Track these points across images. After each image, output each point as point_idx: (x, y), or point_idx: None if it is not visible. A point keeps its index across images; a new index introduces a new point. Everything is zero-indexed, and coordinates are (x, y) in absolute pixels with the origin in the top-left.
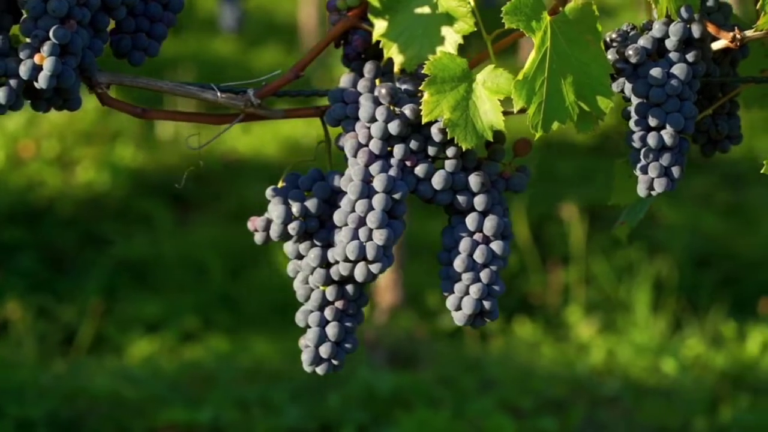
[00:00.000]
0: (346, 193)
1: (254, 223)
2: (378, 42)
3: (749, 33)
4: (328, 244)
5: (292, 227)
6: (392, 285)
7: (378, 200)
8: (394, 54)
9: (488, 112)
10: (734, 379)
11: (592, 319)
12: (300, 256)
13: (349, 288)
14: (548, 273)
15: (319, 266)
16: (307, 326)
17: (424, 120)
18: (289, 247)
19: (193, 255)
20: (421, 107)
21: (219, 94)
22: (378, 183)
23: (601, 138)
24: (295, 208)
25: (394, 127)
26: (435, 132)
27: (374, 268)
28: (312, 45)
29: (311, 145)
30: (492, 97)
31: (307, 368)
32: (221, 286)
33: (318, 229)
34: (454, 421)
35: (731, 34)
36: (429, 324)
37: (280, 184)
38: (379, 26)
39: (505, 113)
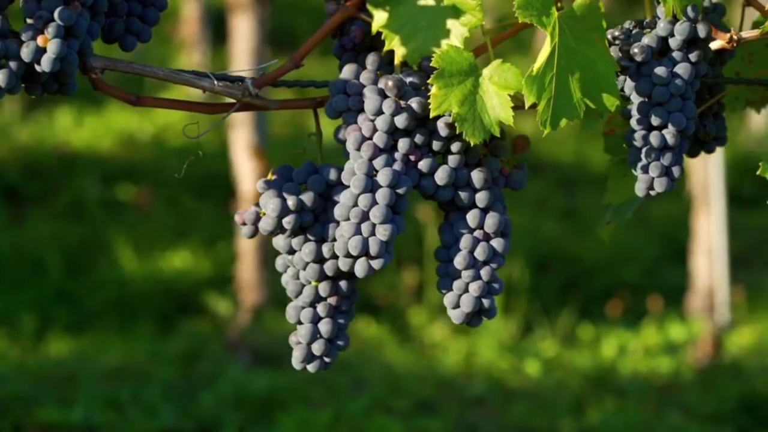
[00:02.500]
0: (341, 186)
1: (242, 216)
2: (372, 33)
3: (745, 34)
4: (322, 239)
5: (287, 221)
6: (256, 284)
7: (382, 195)
8: (396, 46)
9: (496, 107)
10: (596, 381)
11: (445, 320)
12: (291, 251)
13: (343, 284)
14: (402, 274)
15: (313, 261)
16: (299, 323)
17: (432, 114)
18: (280, 241)
19: (28, 250)
20: (428, 101)
21: (216, 82)
22: (383, 177)
23: None
24: (290, 201)
25: (401, 121)
26: (441, 126)
27: (376, 264)
28: None
29: (147, 140)
30: (501, 92)
31: (297, 365)
32: (59, 282)
33: (312, 223)
34: (336, 422)
35: (728, 34)
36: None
37: (270, 177)
38: (379, 17)
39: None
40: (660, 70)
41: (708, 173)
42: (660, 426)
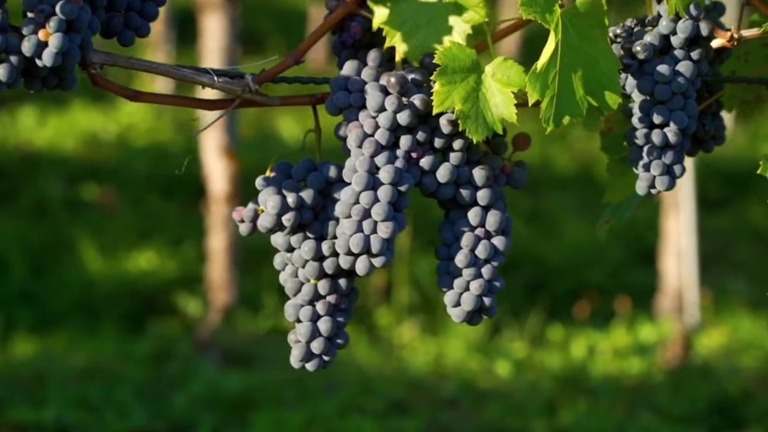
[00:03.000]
0: (341, 184)
1: (240, 213)
2: (372, 30)
3: (746, 33)
4: (321, 236)
5: (287, 218)
6: (227, 285)
7: (384, 192)
8: (397, 43)
9: (499, 105)
10: (567, 381)
11: (414, 321)
12: (290, 249)
13: (342, 282)
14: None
15: (313, 259)
16: (298, 321)
17: (435, 111)
18: (279, 239)
19: None
20: (431, 98)
21: (216, 78)
22: (385, 174)
23: None
24: (290, 198)
25: (403, 118)
26: (444, 123)
27: (377, 261)
28: None
29: (110, 139)
30: (504, 90)
31: (296, 364)
32: (23, 283)
33: (312, 221)
34: (310, 422)
35: (729, 33)
36: (265, 324)
37: (269, 174)
38: (380, 13)
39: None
40: (662, 68)
41: None
42: (632, 427)
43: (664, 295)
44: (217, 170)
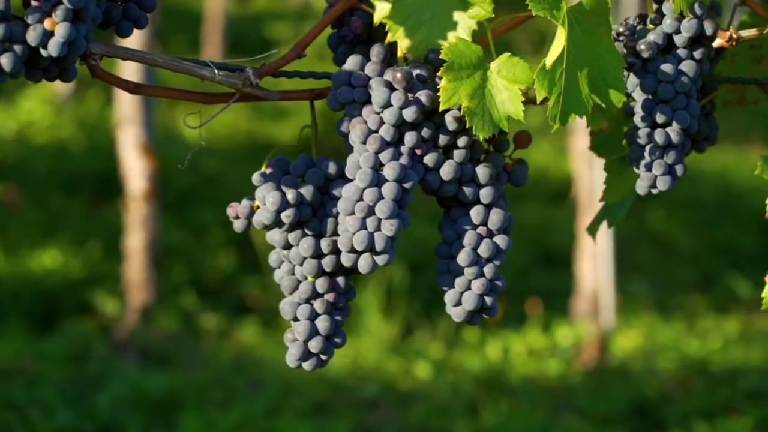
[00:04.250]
0: (340, 180)
1: (235, 209)
2: (372, 25)
3: (745, 33)
4: (320, 233)
5: (286, 215)
6: (145, 284)
7: (389, 189)
8: (399, 38)
9: (505, 102)
10: (487, 383)
11: None
12: (287, 246)
13: (340, 280)
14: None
15: (311, 257)
16: (295, 319)
17: (442, 107)
18: (276, 236)
19: None
20: (437, 94)
21: (216, 71)
22: (389, 171)
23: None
24: (290, 195)
25: (409, 114)
26: (450, 120)
27: (380, 259)
28: None
29: (10, 137)
30: (511, 87)
31: (292, 363)
32: None
33: (310, 217)
34: (241, 423)
35: (728, 33)
36: (181, 323)
37: (265, 169)
38: (381, 8)
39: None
40: (666, 67)
41: (594, 179)
42: (556, 428)
43: (580, 298)
44: (135, 168)
